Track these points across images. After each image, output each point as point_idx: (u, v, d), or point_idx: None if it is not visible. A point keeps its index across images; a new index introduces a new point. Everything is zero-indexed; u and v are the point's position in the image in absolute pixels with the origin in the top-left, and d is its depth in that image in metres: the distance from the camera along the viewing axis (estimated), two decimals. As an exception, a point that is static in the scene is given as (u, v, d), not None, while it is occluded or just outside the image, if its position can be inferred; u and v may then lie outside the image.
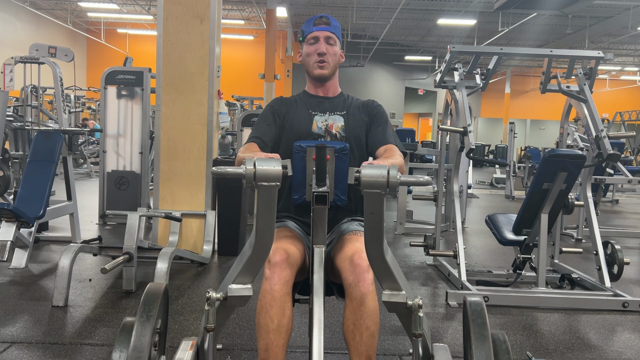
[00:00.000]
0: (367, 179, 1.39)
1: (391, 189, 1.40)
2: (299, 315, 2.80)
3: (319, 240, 1.67)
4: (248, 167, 1.40)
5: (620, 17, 14.27)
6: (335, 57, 2.10)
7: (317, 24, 2.08)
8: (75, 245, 3.31)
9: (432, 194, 4.52)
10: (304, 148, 1.95)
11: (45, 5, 17.24)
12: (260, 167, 1.40)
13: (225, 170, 1.41)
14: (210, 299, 1.54)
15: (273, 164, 1.41)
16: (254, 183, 1.40)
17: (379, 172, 1.40)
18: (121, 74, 5.72)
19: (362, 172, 1.40)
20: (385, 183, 1.39)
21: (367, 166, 1.41)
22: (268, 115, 2.11)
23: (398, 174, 1.39)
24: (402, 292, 1.59)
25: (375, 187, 1.39)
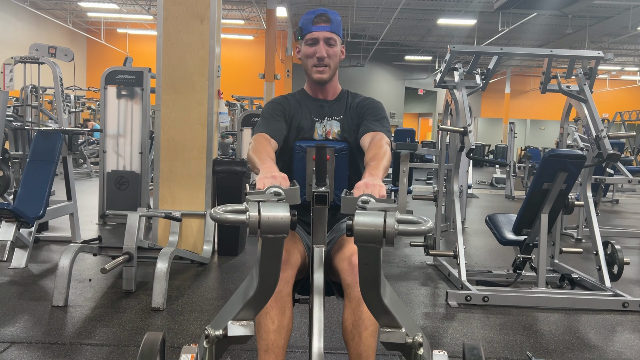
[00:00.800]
0: (360, 229, 1.22)
1: (388, 241, 1.22)
2: (299, 315, 2.80)
3: (318, 240, 1.67)
4: (252, 214, 1.23)
5: (620, 17, 14.27)
6: (336, 59, 2.01)
7: (317, 23, 1.96)
8: (75, 245, 3.30)
9: (432, 194, 4.52)
10: (304, 148, 1.95)
11: (45, 5, 17.24)
12: (266, 214, 1.23)
13: (226, 217, 1.26)
14: (209, 337, 1.48)
15: (281, 210, 1.24)
16: (259, 234, 1.25)
17: (374, 221, 1.22)
18: (121, 74, 5.72)
19: (355, 221, 1.23)
20: (381, 235, 1.22)
21: (360, 213, 1.24)
22: (277, 111, 2.01)
23: (396, 223, 1.22)
24: (401, 329, 1.50)
25: (369, 240, 1.23)
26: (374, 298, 1.41)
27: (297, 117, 2.05)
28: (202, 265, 4.13)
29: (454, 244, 3.86)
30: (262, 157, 1.69)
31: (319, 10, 2.00)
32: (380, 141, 1.83)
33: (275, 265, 1.38)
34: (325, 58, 1.97)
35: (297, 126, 2.03)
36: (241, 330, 1.51)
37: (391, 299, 1.50)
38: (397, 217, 1.24)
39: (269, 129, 1.93)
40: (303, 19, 2.01)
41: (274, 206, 1.25)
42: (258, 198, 1.28)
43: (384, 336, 1.50)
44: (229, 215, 1.26)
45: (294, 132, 2.03)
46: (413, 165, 6.94)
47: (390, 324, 1.48)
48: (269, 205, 1.25)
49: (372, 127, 1.94)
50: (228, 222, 1.26)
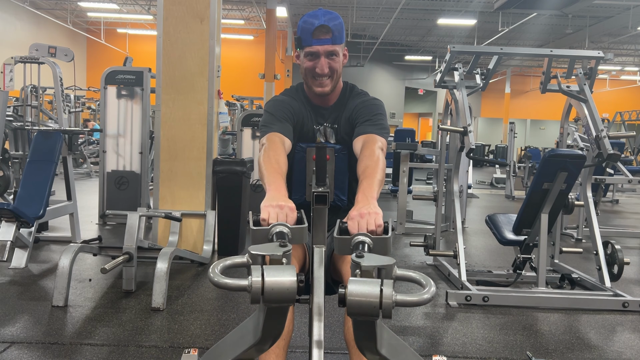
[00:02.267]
0: (354, 300, 1.10)
1: (385, 314, 1.10)
2: (299, 315, 2.80)
3: (319, 240, 1.67)
4: (254, 279, 1.12)
5: (620, 17, 14.27)
6: (338, 71, 1.89)
7: (317, 36, 1.81)
8: (75, 245, 3.30)
9: (432, 194, 4.52)
10: (303, 148, 1.95)
11: (45, 5, 17.24)
12: (270, 278, 1.12)
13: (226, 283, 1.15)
14: None
15: (286, 274, 1.13)
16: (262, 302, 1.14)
17: (370, 291, 1.10)
18: (121, 74, 5.72)
19: (349, 290, 1.11)
20: (377, 307, 1.10)
21: (354, 281, 1.12)
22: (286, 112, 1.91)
23: (393, 293, 1.10)
24: None
25: (365, 312, 1.11)
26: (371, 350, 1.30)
27: (301, 121, 1.98)
28: (202, 265, 4.13)
29: (454, 244, 3.86)
30: (272, 171, 1.61)
31: (319, 17, 1.84)
32: (372, 147, 1.73)
33: (279, 327, 1.28)
34: (326, 74, 1.86)
35: (301, 130, 1.98)
36: None
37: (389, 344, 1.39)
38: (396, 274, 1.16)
39: (282, 128, 1.83)
40: (302, 27, 1.84)
41: (279, 270, 1.14)
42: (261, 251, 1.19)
43: None
44: (229, 281, 1.15)
45: (297, 136, 1.98)
46: (413, 165, 6.94)
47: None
48: (273, 269, 1.14)
49: (363, 129, 1.85)
50: (228, 289, 1.16)
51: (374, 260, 1.17)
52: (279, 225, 1.33)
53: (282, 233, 1.33)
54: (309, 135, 2.00)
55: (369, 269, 1.15)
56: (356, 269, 1.17)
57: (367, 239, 1.31)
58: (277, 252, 1.20)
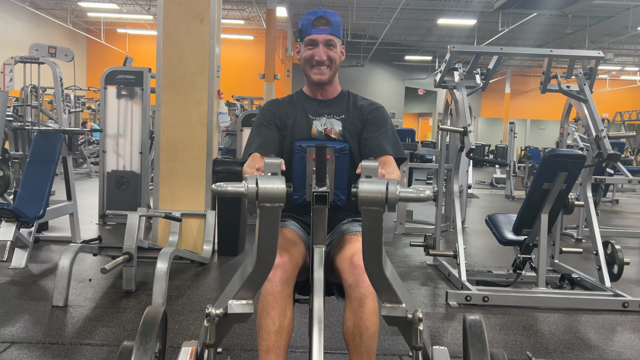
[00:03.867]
0: (364, 195, 1.32)
1: (390, 205, 1.32)
2: (299, 315, 2.80)
3: (319, 240, 1.67)
4: (250, 186, 1.32)
5: (620, 17, 14.26)
6: (335, 61, 1.99)
7: (316, 26, 1.94)
8: (75, 245, 3.30)
9: (432, 193, 4.52)
10: (304, 148, 1.95)
11: (45, 5, 17.24)
12: (263, 186, 1.32)
13: (226, 188, 1.33)
14: (210, 315, 1.50)
15: (277, 182, 1.33)
16: (256, 203, 1.33)
17: (377, 188, 1.31)
18: (121, 74, 5.72)
19: (360, 188, 1.32)
20: (383, 200, 1.31)
21: (364, 181, 1.33)
22: (267, 120, 2.01)
23: (397, 189, 1.31)
24: (401, 305, 1.54)
25: (373, 204, 1.32)
26: (376, 269, 1.47)
27: (291, 117, 2.03)
28: (202, 265, 4.13)
29: (454, 244, 3.86)
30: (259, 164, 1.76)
31: (318, 12, 1.97)
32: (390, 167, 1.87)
33: (272, 238, 1.42)
34: (325, 61, 1.96)
35: (292, 125, 2.02)
36: (241, 308, 1.54)
37: (392, 275, 1.54)
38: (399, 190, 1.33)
39: (259, 144, 1.94)
40: (302, 20, 1.98)
41: (270, 179, 1.34)
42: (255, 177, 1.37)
43: (385, 310, 1.53)
44: (229, 187, 1.33)
45: (289, 132, 2.01)
46: (413, 165, 6.94)
47: (391, 299, 1.53)
48: (266, 178, 1.34)
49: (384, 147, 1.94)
50: (228, 194, 1.33)
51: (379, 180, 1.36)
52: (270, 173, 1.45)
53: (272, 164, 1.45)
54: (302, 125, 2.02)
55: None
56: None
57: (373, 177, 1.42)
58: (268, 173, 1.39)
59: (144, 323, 1.53)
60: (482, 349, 1.48)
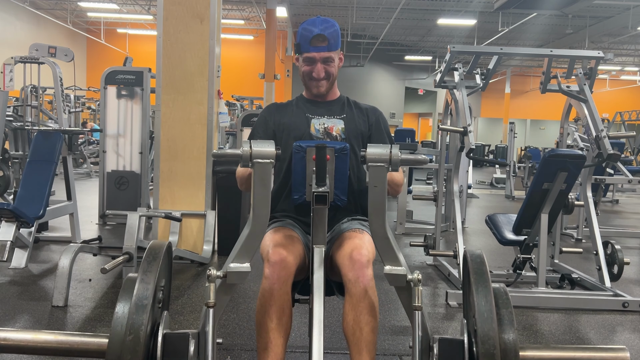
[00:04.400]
0: (372, 156, 1.58)
1: (393, 164, 1.56)
2: (299, 315, 2.80)
3: (318, 240, 1.67)
4: (245, 149, 1.57)
5: (620, 17, 14.26)
6: (333, 75, 2.07)
7: (314, 44, 1.99)
8: (75, 245, 3.31)
9: (432, 194, 4.52)
10: (304, 148, 1.95)
11: (45, 5, 17.24)
12: (256, 147, 1.58)
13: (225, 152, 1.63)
14: (210, 276, 1.57)
15: (267, 145, 1.59)
16: (251, 161, 1.57)
17: (383, 151, 1.58)
18: (121, 74, 5.72)
19: (368, 151, 1.58)
20: (388, 158, 1.57)
21: (371, 145, 1.59)
22: (261, 126, 2.10)
23: (399, 152, 1.55)
24: (402, 267, 1.66)
25: (379, 161, 1.57)
26: (380, 229, 1.64)
27: (287, 116, 2.09)
28: (202, 265, 4.13)
29: (454, 244, 3.86)
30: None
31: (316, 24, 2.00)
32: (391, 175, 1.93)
33: (265, 194, 1.61)
34: (323, 77, 2.05)
35: (288, 124, 2.07)
36: (238, 268, 1.63)
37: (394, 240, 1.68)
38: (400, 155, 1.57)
39: None
40: (301, 34, 2.02)
41: (262, 143, 1.60)
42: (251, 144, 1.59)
43: (387, 270, 1.65)
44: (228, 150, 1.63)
45: (286, 131, 2.06)
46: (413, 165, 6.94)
47: (393, 262, 1.66)
48: (258, 142, 1.60)
49: None
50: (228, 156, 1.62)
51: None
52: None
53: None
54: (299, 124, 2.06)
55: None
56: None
57: None
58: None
59: (147, 254, 1.55)
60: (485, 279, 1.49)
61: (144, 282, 1.45)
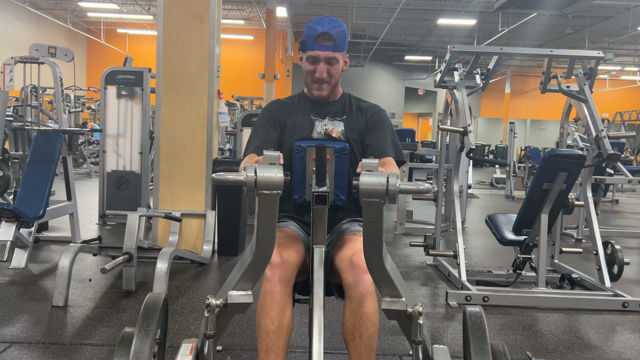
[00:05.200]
0: (365, 187, 1.33)
1: (390, 197, 1.34)
2: (299, 315, 2.80)
3: (318, 240, 1.67)
4: (249, 175, 1.35)
5: (620, 17, 14.26)
6: (337, 76, 2.01)
7: (319, 42, 1.92)
8: (75, 245, 3.30)
9: (432, 194, 4.52)
10: (304, 148, 1.95)
11: (45, 5, 17.24)
12: (262, 174, 1.35)
13: (225, 177, 1.36)
14: (210, 306, 1.51)
15: (274, 171, 1.36)
16: (255, 191, 1.35)
17: (378, 180, 1.33)
18: (121, 74, 5.72)
19: (361, 180, 1.33)
20: (384, 192, 1.33)
21: (365, 174, 1.35)
22: (267, 120, 2.03)
23: (398, 182, 1.33)
24: (401, 299, 1.55)
25: (374, 195, 1.34)
26: (376, 262, 1.49)
27: (292, 117, 2.05)
28: (202, 265, 4.13)
29: (454, 244, 3.86)
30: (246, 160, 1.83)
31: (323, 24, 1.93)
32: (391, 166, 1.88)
33: (271, 224, 1.45)
34: (325, 78, 1.98)
35: (293, 126, 2.03)
36: (240, 298, 1.55)
37: (392, 269, 1.55)
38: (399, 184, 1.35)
39: (257, 145, 1.94)
40: (306, 32, 1.96)
41: (268, 168, 1.37)
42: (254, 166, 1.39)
43: (385, 304, 1.54)
44: (229, 176, 1.36)
45: (289, 133, 2.02)
46: (413, 165, 6.95)
47: (391, 293, 1.54)
48: (264, 167, 1.37)
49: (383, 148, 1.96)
50: (228, 182, 1.35)
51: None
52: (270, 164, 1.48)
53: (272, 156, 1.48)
54: (304, 125, 2.03)
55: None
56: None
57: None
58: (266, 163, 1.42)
59: (144, 309, 1.54)
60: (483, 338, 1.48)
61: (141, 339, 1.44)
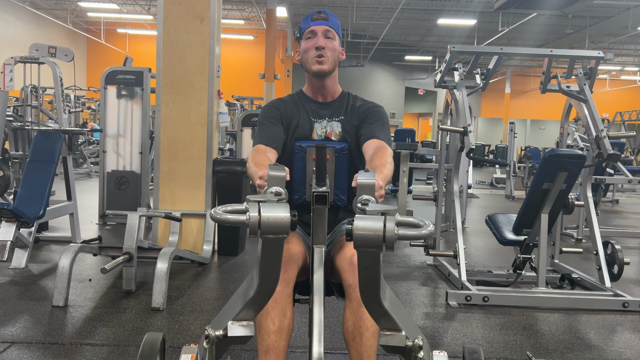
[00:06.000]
0: (360, 233, 1.20)
1: (388, 245, 1.20)
2: (299, 315, 2.80)
3: (319, 240, 1.67)
4: (252, 214, 1.22)
5: (620, 17, 14.26)
6: (335, 52, 2.01)
7: (315, 19, 2.01)
8: (75, 245, 3.30)
9: (432, 194, 4.52)
10: (304, 148, 1.95)
11: (45, 5, 17.24)
12: (266, 214, 1.22)
13: (226, 217, 1.24)
14: (209, 337, 1.47)
15: (281, 210, 1.23)
16: (259, 233, 1.23)
17: (374, 226, 1.19)
18: (121, 74, 5.72)
19: (355, 225, 1.20)
20: (380, 239, 1.19)
21: (360, 217, 1.21)
22: (273, 116, 2.01)
23: (395, 228, 1.19)
24: (401, 332, 1.48)
25: (369, 244, 1.20)
26: (373, 301, 1.40)
27: (295, 118, 2.04)
28: (202, 265, 4.13)
29: (454, 244, 3.86)
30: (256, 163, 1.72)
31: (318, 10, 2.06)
32: (384, 153, 1.82)
33: (275, 266, 1.37)
34: (324, 49, 1.98)
35: (296, 127, 2.03)
36: (241, 330, 1.50)
37: (391, 301, 1.49)
38: (397, 219, 1.22)
39: (266, 137, 1.93)
40: (302, 21, 2.06)
41: (274, 206, 1.24)
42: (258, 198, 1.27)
43: (383, 339, 1.48)
44: (229, 216, 1.24)
45: (291, 133, 2.02)
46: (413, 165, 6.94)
47: (390, 327, 1.47)
48: (269, 206, 1.24)
49: (376, 134, 1.94)
50: (228, 223, 1.24)
51: (377, 207, 1.26)
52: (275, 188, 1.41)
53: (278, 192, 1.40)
54: (305, 127, 2.03)
55: (374, 214, 1.23)
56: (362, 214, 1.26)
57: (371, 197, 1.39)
58: (272, 199, 1.29)
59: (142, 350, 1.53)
60: None
61: None
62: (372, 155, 1.83)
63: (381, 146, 1.87)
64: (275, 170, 1.39)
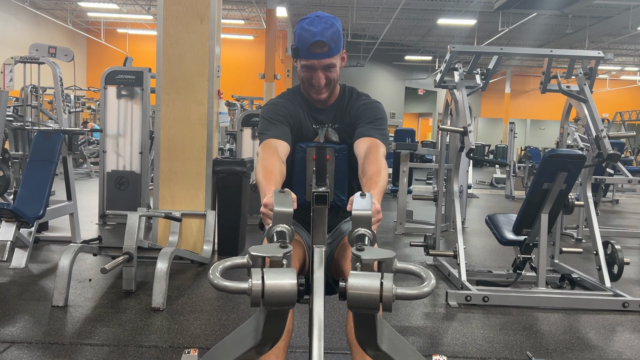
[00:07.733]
0: (354, 293, 1.11)
1: (385, 307, 1.12)
2: (299, 315, 2.80)
3: (318, 240, 1.66)
4: (254, 282, 1.11)
5: (620, 17, 14.27)
6: (335, 79, 1.91)
7: (313, 50, 1.80)
8: (75, 245, 3.30)
9: (432, 194, 4.52)
10: (303, 148, 1.95)
11: (45, 5, 17.24)
12: (270, 282, 1.11)
13: (226, 286, 1.14)
14: None
15: (287, 277, 1.12)
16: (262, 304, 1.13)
17: (370, 285, 1.11)
18: (121, 74, 5.72)
19: (349, 284, 1.11)
20: (377, 300, 1.11)
21: (354, 274, 1.13)
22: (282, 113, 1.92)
23: (393, 286, 1.11)
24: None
25: (364, 305, 1.12)
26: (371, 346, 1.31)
27: (300, 122, 1.99)
28: (202, 265, 4.13)
29: (454, 244, 3.86)
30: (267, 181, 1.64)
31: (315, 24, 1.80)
32: (377, 153, 1.75)
33: (279, 330, 1.27)
34: (323, 84, 1.88)
35: (298, 129, 1.99)
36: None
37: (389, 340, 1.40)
38: (396, 266, 1.16)
39: (277, 132, 1.84)
40: (298, 37, 1.83)
41: (279, 273, 1.13)
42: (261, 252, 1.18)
43: None
44: (229, 284, 1.14)
45: (296, 135, 1.98)
46: (413, 165, 6.94)
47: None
48: (274, 272, 1.13)
49: (368, 132, 1.86)
50: (228, 291, 1.14)
51: (374, 254, 1.18)
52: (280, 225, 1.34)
53: (282, 233, 1.34)
54: (308, 135, 2.00)
55: (369, 262, 1.16)
56: (356, 262, 1.18)
57: (367, 232, 1.32)
58: (277, 253, 1.19)
59: None
60: None
61: None
62: (364, 158, 1.77)
63: (373, 145, 1.80)
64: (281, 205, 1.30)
